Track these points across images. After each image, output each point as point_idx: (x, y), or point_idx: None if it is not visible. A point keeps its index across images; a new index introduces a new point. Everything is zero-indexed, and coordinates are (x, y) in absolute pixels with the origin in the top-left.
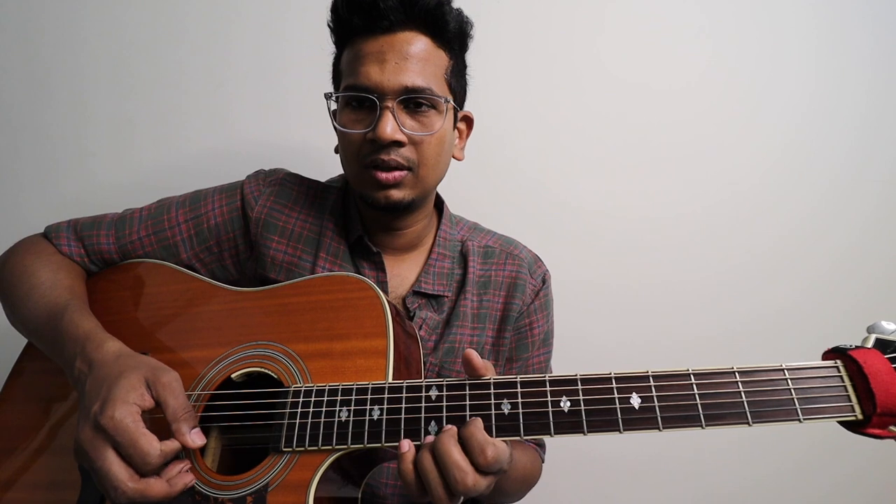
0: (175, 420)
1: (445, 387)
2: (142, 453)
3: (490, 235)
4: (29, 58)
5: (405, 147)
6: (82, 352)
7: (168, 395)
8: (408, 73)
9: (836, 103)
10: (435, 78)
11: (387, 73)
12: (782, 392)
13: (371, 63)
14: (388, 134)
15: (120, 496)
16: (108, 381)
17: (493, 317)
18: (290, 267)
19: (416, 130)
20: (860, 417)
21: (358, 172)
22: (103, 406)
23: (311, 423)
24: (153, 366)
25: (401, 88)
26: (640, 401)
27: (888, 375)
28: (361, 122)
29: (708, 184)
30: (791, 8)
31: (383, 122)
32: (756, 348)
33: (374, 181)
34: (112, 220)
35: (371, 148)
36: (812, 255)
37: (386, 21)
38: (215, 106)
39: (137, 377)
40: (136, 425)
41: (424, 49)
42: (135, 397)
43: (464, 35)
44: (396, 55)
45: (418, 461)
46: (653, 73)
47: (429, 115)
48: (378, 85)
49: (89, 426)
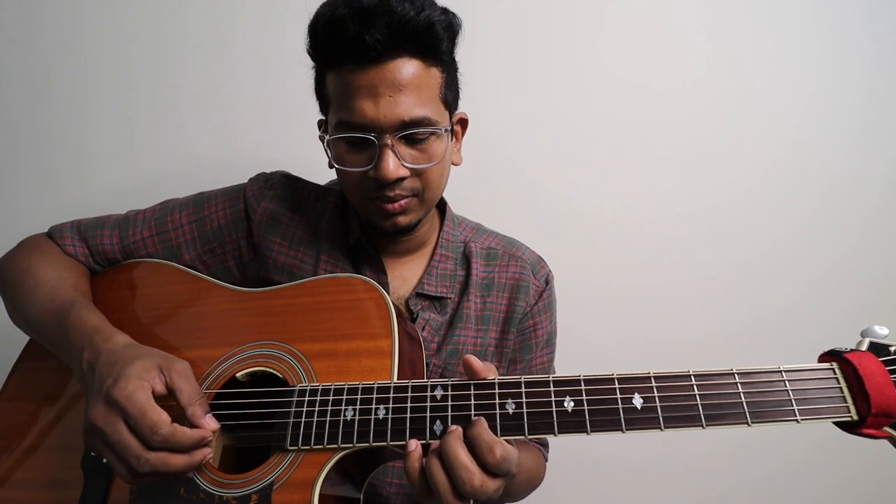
0: (190, 404)
1: (450, 386)
2: (150, 423)
3: (493, 237)
4: (29, 58)
5: (408, 178)
6: (90, 344)
7: (182, 381)
8: (403, 106)
9: (836, 103)
10: (430, 102)
11: (382, 109)
12: (780, 393)
13: (363, 98)
14: (392, 173)
15: (143, 465)
16: (122, 362)
17: (497, 318)
18: (292, 269)
19: (418, 162)
20: (855, 418)
21: (362, 204)
22: (116, 380)
23: (316, 422)
24: (165, 355)
25: (398, 123)
26: (642, 401)
27: (882, 377)
28: (360, 157)
29: (708, 184)
30: (791, 8)
31: (385, 161)
32: (756, 348)
33: (380, 211)
34: (116, 220)
35: (374, 184)
36: (812, 255)
37: (373, 53)
38: (215, 106)
39: (151, 361)
40: (147, 398)
41: (416, 74)
42: (149, 377)
43: (455, 40)
44: (389, 87)
45: (426, 466)
46: (653, 73)
47: (429, 142)
48: (374, 122)
49: (101, 402)
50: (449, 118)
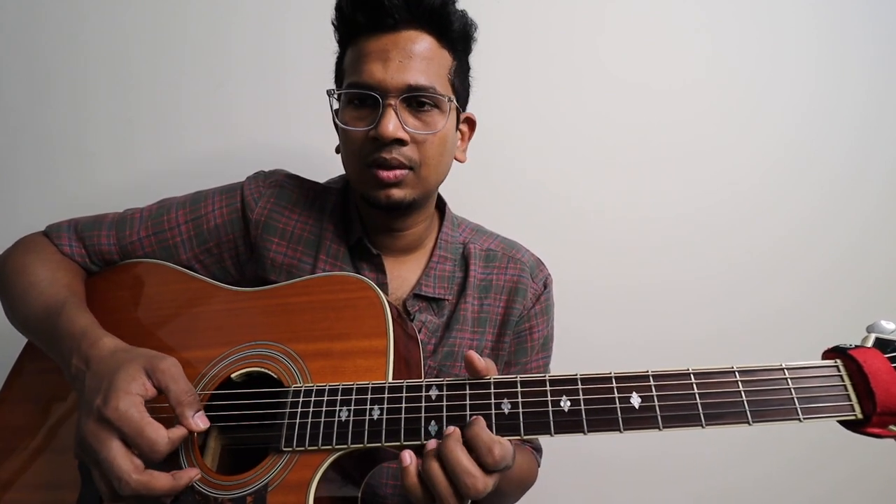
0: (178, 404)
1: (446, 386)
2: (149, 441)
3: (492, 238)
4: (29, 58)
5: (407, 146)
6: (78, 349)
7: (168, 381)
8: (411, 72)
9: (836, 103)
10: (438, 77)
11: (390, 71)
12: (782, 391)
13: (374, 61)
14: (391, 131)
15: (124, 487)
16: (108, 374)
17: (494, 321)
18: (291, 269)
19: (418, 129)
20: (860, 417)
21: (359, 171)
22: (106, 398)
23: (311, 423)
24: (150, 355)
25: (404, 86)
26: (640, 400)
27: (888, 375)
28: (364, 119)
29: (708, 184)
30: (791, 8)
31: (386, 119)
32: (756, 348)
33: (375, 180)
34: (113, 220)
35: (373, 146)
36: (812, 255)
37: (390, 19)
38: (215, 106)
39: (136, 367)
40: (141, 415)
41: (428, 48)
42: (136, 387)
43: (468, 36)
44: (400, 53)
45: (425, 471)
46: (653, 73)
47: (432, 114)
48: (381, 83)
49: (93, 419)
50: (455, 104)
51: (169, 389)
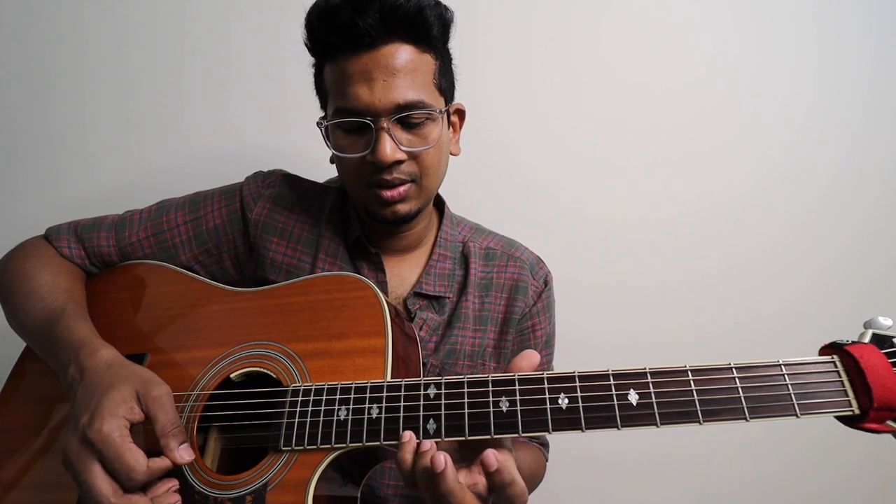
0: (164, 435)
1: (444, 385)
2: (127, 468)
3: (491, 237)
4: (29, 58)
5: (406, 162)
6: (76, 358)
7: (158, 410)
8: (398, 89)
9: (836, 103)
10: (425, 87)
11: (376, 93)
12: (779, 387)
13: (358, 83)
14: (389, 156)
15: None
16: (99, 391)
17: (495, 319)
18: (290, 268)
19: (414, 145)
20: (857, 412)
21: (361, 191)
22: (92, 418)
23: (310, 422)
24: (145, 378)
25: (393, 107)
26: (637, 397)
27: (885, 370)
28: (357, 143)
29: (708, 184)
30: (791, 8)
31: (382, 144)
32: (756, 348)
33: (379, 199)
34: (112, 221)
35: (372, 169)
36: (812, 255)
37: (367, 38)
38: (215, 106)
39: (128, 389)
40: (122, 440)
41: (410, 59)
42: (124, 410)
43: (447, 29)
44: (383, 72)
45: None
46: (653, 73)
47: (425, 126)
48: (370, 106)
49: (77, 438)
50: (444, 105)
51: (157, 419)
